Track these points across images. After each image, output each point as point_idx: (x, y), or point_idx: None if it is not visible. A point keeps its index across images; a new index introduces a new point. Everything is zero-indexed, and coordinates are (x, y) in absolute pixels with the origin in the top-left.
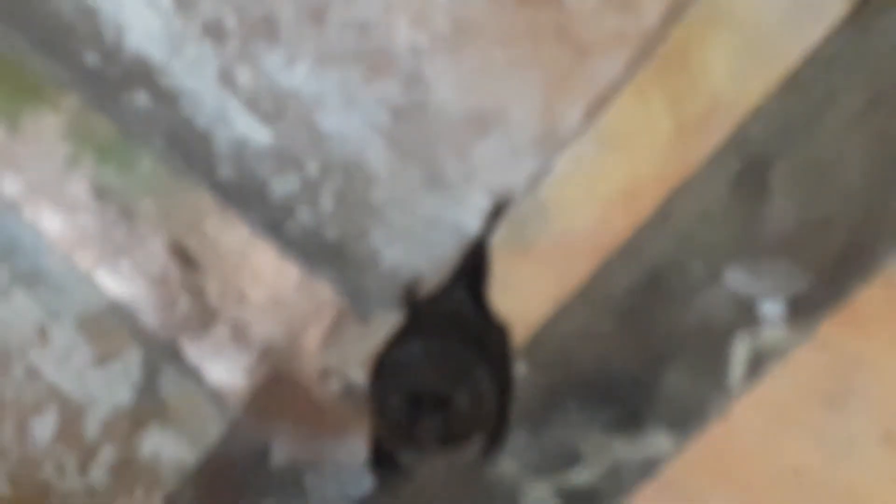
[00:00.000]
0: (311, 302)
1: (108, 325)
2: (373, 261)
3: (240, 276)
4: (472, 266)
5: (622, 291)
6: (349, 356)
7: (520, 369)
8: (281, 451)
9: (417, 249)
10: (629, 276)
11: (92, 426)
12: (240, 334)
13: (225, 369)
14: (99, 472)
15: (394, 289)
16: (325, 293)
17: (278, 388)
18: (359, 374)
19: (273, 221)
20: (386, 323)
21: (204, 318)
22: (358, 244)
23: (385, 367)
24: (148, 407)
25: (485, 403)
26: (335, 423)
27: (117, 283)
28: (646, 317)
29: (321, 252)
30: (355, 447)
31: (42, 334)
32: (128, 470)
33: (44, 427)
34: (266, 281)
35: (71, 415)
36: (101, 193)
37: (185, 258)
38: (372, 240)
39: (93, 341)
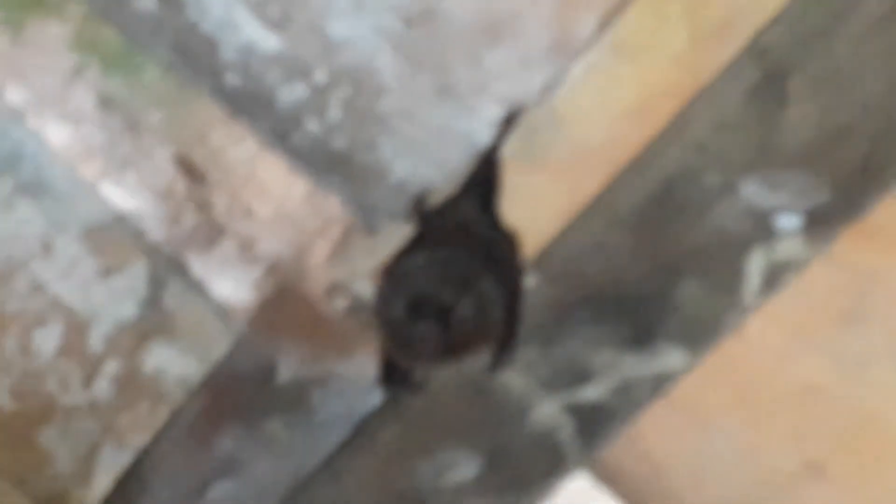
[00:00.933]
0: (318, 217)
1: (113, 238)
2: (381, 172)
3: (247, 191)
4: (483, 177)
5: (635, 204)
6: (357, 270)
7: (530, 282)
8: (287, 368)
9: (427, 161)
10: (643, 188)
11: (96, 340)
12: (246, 249)
13: (231, 285)
14: (103, 386)
15: (402, 201)
16: (332, 208)
17: (285, 303)
18: (366, 288)
19: (280, 131)
20: (394, 236)
21: (210, 232)
22: (366, 155)
23: (390, 277)
24: (153, 321)
25: (490, 313)
26: (342, 340)
27: (122, 197)
28: (659, 230)
29: (328, 163)
30: (362, 364)
31: (46, 246)
32: (132, 384)
33: (47, 340)
34: (273, 195)
35: (75, 328)
36: (106, 104)
37: (191, 171)
38: (380, 151)
39: (98, 254)
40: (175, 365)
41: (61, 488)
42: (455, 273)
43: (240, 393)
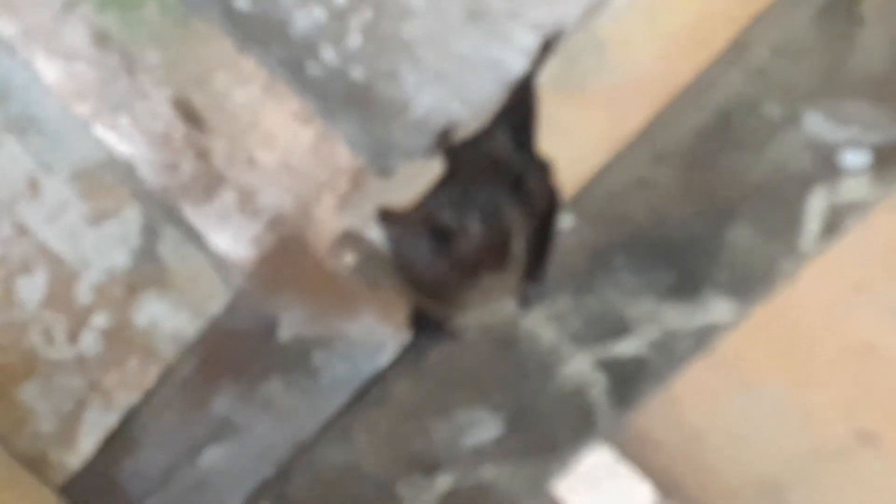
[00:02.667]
0: (325, 168)
1: (105, 181)
2: (402, 106)
3: (249, 138)
4: (517, 109)
5: (685, 138)
6: (369, 215)
7: (566, 223)
8: (289, 326)
9: (453, 93)
10: (694, 120)
11: (84, 290)
12: (247, 201)
13: (230, 238)
14: (90, 341)
15: (424, 138)
16: (341, 158)
17: (288, 257)
18: (379, 234)
19: (293, 62)
20: (411, 176)
21: (209, 182)
22: (386, 86)
23: (411, 217)
24: (146, 272)
25: (508, 240)
26: (349, 299)
27: (116, 141)
28: (711, 166)
29: (345, 96)
30: (369, 325)
31: (33, 187)
32: (121, 339)
33: (32, 289)
34: (278, 144)
35: (61, 277)
36: (100, 41)
37: (190, 115)
38: (402, 82)
39: (88, 198)
40: (168, 320)
41: (41, 449)
42: (480, 204)
43: (237, 351)
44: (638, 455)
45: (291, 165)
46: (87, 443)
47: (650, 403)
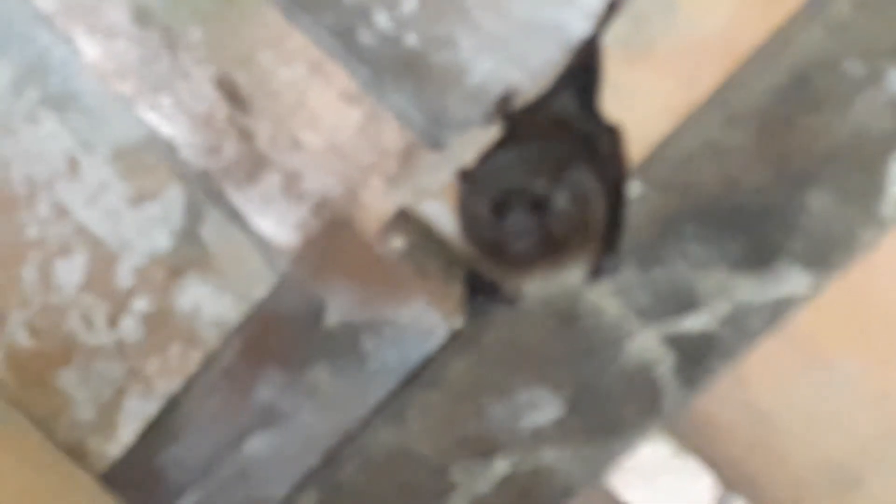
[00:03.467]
0: (373, 150)
1: (147, 161)
2: (458, 73)
3: (295, 119)
4: (581, 71)
5: (760, 99)
6: (421, 189)
7: (633, 189)
8: (336, 311)
9: (512, 58)
10: (769, 80)
11: (124, 273)
12: (292, 185)
13: (274, 223)
14: (130, 326)
15: (481, 107)
16: (390, 139)
17: (336, 240)
18: (433, 209)
19: (344, 29)
20: (466, 147)
21: (252, 164)
22: (442, 53)
23: (473, 176)
24: (188, 255)
25: (590, 207)
26: (398, 284)
27: (157, 121)
28: (787, 129)
29: (397, 65)
30: (419, 312)
31: (72, 166)
32: (163, 324)
33: (71, 272)
34: (324, 125)
35: (101, 260)
36: (141, 18)
37: (233, 95)
38: (459, 48)
39: (130, 178)
40: (211, 304)
41: (79, 438)
42: (548, 164)
43: (282, 337)
44: (701, 441)
45: (338, 147)
46: (127, 431)
47: (716, 384)
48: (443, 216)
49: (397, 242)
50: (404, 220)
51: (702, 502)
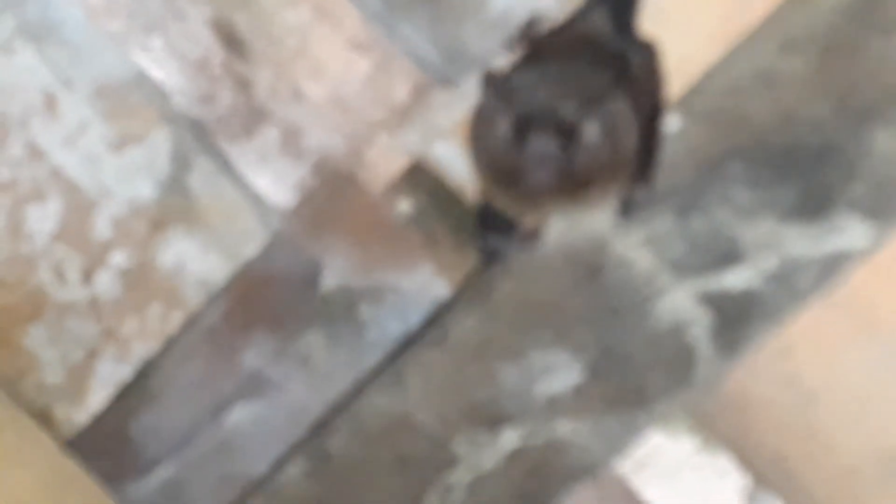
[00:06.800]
0: (381, 104)
1: (133, 102)
2: (479, 2)
3: (297, 68)
4: None
5: (822, 21)
6: (433, 128)
7: (672, 123)
8: (333, 274)
9: None
10: (830, 2)
11: (102, 224)
12: (291, 140)
13: (270, 181)
14: (106, 281)
15: (502, 39)
16: (401, 90)
17: (337, 197)
18: (444, 151)
19: None
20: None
21: (249, 116)
22: None
23: (495, 90)
24: (173, 207)
25: (620, 144)
26: (403, 249)
27: (147, 64)
28: (852, 56)
29: None
30: (423, 278)
31: (50, 103)
32: (142, 281)
33: (43, 220)
34: (329, 75)
35: (77, 207)
36: None
37: (230, 40)
38: None
39: (112, 119)
40: (196, 261)
41: (45, 401)
42: (580, 88)
43: (273, 299)
44: (732, 427)
45: (343, 100)
46: (98, 396)
47: (755, 355)
48: (455, 161)
49: (404, 206)
50: (413, 178)
51: (731, 502)
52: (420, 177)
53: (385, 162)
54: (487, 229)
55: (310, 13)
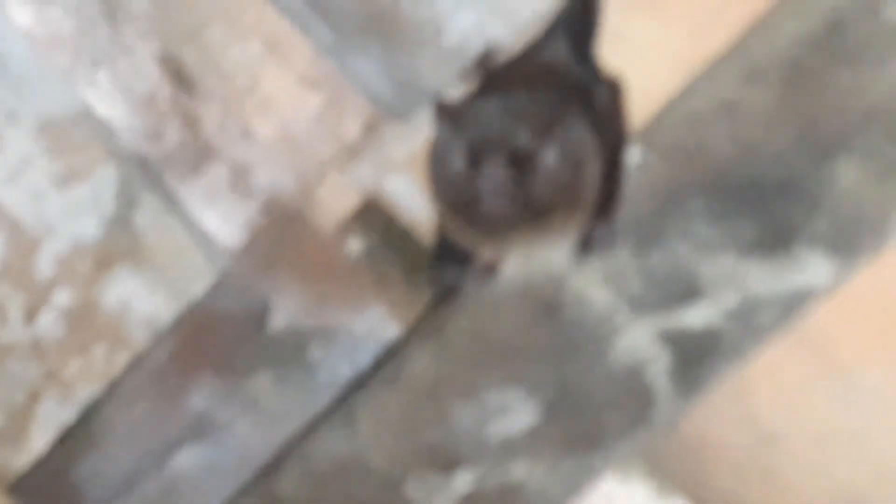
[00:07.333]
0: (332, 141)
1: (78, 137)
2: (434, 30)
3: (246, 104)
4: (576, 17)
5: (785, 51)
6: (385, 163)
7: (633, 156)
8: (282, 314)
9: (494, 12)
10: (798, 29)
11: (46, 262)
12: (240, 178)
13: (218, 220)
14: (49, 321)
15: (457, 68)
16: (352, 128)
17: (286, 235)
18: (398, 184)
19: None
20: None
21: (197, 154)
22: (416, 7)
23: (449, 122)
24: (118, 245)
25: (580, 172)
26: (353, 288)
27: (93, 99)
28: (816, 87)
29: (366, 22)
30: (376, 321)
31: None
32: (86, 321)
33: None
34: (278, 112)
35: (20, 245)
36: None
37: (178, 75)
38: (436, 1)
39: (56, 155)
40: (142, 301)
41: None
42: (536, 115)
43: (220, 340)
44: (690, 471)
45: (293, 137)
46: (40, 440)
47: (714, 396)
48: (408, 196)
49: (355, 245)
50: (364, 217)
51: None
52: (371, 215)
53: (336, 200)
54: (444, 262)
55: (260, 48)
